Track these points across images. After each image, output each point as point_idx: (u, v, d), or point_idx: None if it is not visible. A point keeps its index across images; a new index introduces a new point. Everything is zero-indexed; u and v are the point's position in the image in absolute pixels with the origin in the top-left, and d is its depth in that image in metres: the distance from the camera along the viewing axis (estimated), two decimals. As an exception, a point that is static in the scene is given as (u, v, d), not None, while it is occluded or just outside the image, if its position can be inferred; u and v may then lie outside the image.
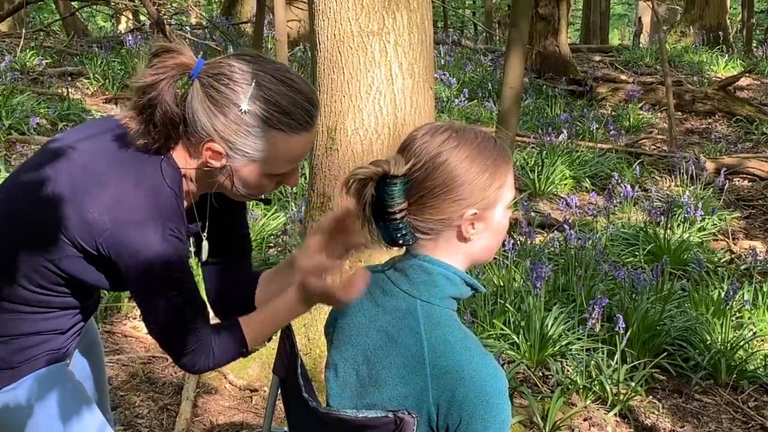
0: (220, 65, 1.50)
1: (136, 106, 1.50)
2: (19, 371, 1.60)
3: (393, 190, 1.38)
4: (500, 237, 1.49)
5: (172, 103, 1.48)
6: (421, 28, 2.92)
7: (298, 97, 1.50)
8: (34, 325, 1.60)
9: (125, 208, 1.46)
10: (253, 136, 1.49)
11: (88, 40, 10.59)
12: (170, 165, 1.53)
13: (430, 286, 1.43)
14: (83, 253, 1.49)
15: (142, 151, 1.51)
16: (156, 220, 1.46)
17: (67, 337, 1.67)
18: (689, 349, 3.91)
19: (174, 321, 1.53)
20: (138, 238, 1.45)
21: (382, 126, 2.90)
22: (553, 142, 7.05)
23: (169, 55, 1.49)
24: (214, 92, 1.48)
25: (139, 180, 1.49)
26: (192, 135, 1.51)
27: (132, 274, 1.48)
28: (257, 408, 3.14)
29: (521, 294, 3.96)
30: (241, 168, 1.53)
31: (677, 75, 10.98)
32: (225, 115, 1.47)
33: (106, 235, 1.45)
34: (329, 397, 1.53)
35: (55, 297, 1.58)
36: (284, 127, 1.49)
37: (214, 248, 1.75)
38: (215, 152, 1.51)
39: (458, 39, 12.60)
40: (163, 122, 1.48)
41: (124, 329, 3.64)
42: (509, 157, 1.49)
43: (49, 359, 1.63)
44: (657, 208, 5.58)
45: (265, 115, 1.48)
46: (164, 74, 1.47)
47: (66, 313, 1.64)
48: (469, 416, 1.33)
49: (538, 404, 3.25)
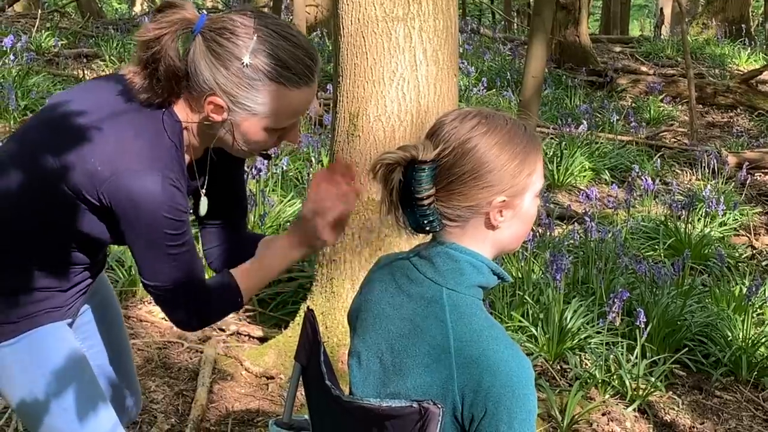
0: (223, 20, 1.52)
1: (140, 61, 1.52)
2: (19, 326, 1.61)
3: (421, 176, 1.36)
4: (528, 225, 1.47)
5: (175, 58, 1.50)
6: (446, 14, 2.88)
7: (299, 52, 1.52)
8: (35, 280, 1.61)
9: (125, 157, 1.47)
10: (254, 89, 1.50)
11: (103, 21, 10.59)
12: (171, 118, 1.56)
13: (456, 274, 1.41)
14: (85, 203, 1.51)
15: (144, 104, 1.53)
16: (155, 170, 1.48)
17: (69, 295, 1.67)
18: (710, 345, 3.87)
19: (170, 273, 1.54)
20: (137, 186, 1.46)
21: (405, 113, 2.86)
22: (573, 133, 6.99)
23: (172, 10, 1.51)
24: (216, 46, 1.49)
25: (140, 131, 1.51)
26: (194, 89, 1.53)
27: (130, 222, 1.49)
28: (273, 395, 3.13)
29: (540, 286, 3.93)
30: (242, 122, 1.54)
31: (699, 67, 10.86)
32: (227, 68, 1.49)
33: (106, 185, 1.47)
34: (352, 386, 1.51)
35: (59, 250, 1.60)
36: (285, 81, 1.51)
37: (216, 205, 1.77)
38: (217, 105, 1.53)
39: (477, 27, 12.50)
40: (166, 76, 1.50)
41: (140, 313, 3.63)
42: (539, 145, 1.46)
43: (50, 317, 1.64)
44: (678, 202, 5.52)
45: (266, 68, 1.49)
46: (167, 29, 1.49)
47: (71, 269, 1.65)
48: (494, 406, 1.31)
49: (556, 398, 3.23)
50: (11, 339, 1.61)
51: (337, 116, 2.97)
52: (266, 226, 4.41)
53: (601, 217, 5.40)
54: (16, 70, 6.59)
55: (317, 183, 1.64)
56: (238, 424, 2.96)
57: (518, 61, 10.11)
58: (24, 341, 1.62)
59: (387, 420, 1.37)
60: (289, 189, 5.17)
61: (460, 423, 1.35)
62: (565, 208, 5.66)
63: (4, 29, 8.43)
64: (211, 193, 1.74)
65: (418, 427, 1.34)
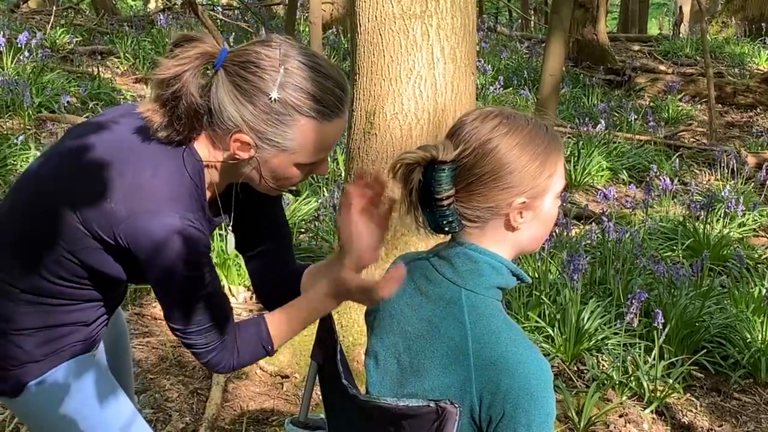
0: (246, 53, 1.44)
1: (159, 99, 1.44)
2: (46, 364, 1.58)
3: (441, 176, 1.35)
4: (548, 227, 1.46)
5: (197, 95, 1.43)
6: (464, 11, 2.86)
7: (329, 83, 1.46)
8: (58, 317, 1.57)
9: (142, 197, 1.42)
10: (283, 125, 1.44)
11: (118, 18, 10.59)
12: (191, 156, 1.49)
13: (475, 275, 1.40)
14: (102, 243, 1.45)
15: (163, 142, 1.47)
16: (173, 210, 1.41)
17: (92, 329, 1.64)
18: (728, 346, 3.83)
19: (195, 316, 1.48)
20: (155, 228, 1.40)
21: (422, 111, 2.84)
22: (590, 132, 6.94)
23: (191, 44, 1.43)
24: (241, 81, 1.42)
25: (157, 170, 1.44)
26: (218, 126, 1.46)
27: (151, 265, 1.43)
28: (288, 395, 3.12)
29: (557, 286, 3.91)
30: (270, 158, 1.48)
31: (718, 66, 10.75)
32: (253, 104, 1.42)
33: (123, 225, 1.41)
34: (369, 385, 1.51)
35: (78, 289, 1.55)
36: (315, 114, 1.45)
37: (249, 240, 1.71)
38: (244, 143, 1.46)
39: (493, 25, 12.46)
40: (187, 114, 1.43)
41: (154, 312, 3.63)
42: (560, 145, 1.45)
43: (74, 351, 1.61)
44: (696, 203, 5.46)
45: (296, 102, 1.43)
46: (188, 65, 1.42)
47: (91, 305, 1.61)
48: (512, 409, 1.30)
49: (572, 399, 3.21)
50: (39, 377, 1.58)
51: (354, 114, 2.95)
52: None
53: (618, 217, 5.36)
54: (30, 67, 6.60)
55: (348, 211, 1.49)
56: (252, 423, 2.95)
57: (535, 59, 10.05)
58: (52, 377, 1.59)
59: (404, 419, 1.37)
60: (304, 187, 5.16)
61: (478, 425, 1.34)
62: (583, 208, 5.62)
63: (19, 26, 8.46)
64: (242, 228, 1.68)
65: (435, 427, 1.33)
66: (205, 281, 1.47)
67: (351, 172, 3.03)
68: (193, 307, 1.47)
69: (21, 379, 1.57)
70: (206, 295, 1.48)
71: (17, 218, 1.53)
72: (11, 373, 1.57)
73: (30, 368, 1.57)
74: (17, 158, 4.91)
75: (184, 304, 1.47)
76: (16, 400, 1.60)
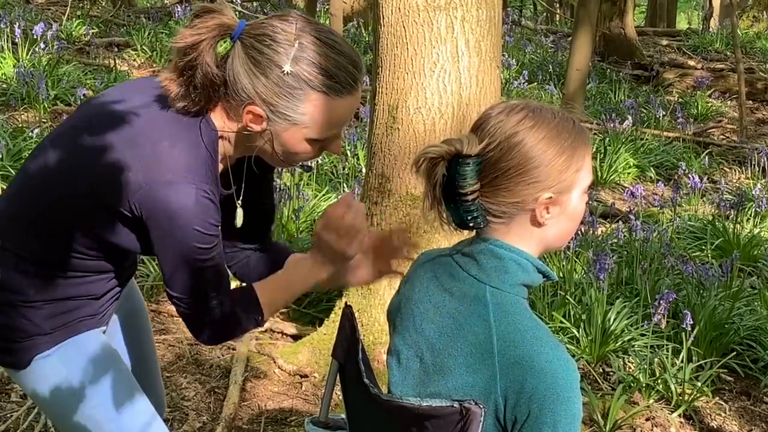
0: (263, 26, 1.47)
1: (176, 68, 1.46)
2: (54, 338, 1.59)
3: (465, 171, 1.33)
4: (575, 223, 1.43)
5: (212, 65, 1.45)
6: (489, 3, 2.81)
7: (342, 59, 1.47)
8: (68, 290, 1.58)
9: (159, 167, 1.44)
10: (295, 98, 1.46)
11: (135, 10, 10.59)
12: (207, 126, 1.51)
13: (500, 272, 1.37)
14: (116, 213, 1.47)
15: (181, 113, 1.49)
16: (189, 182, 1.44)
17: (102, 303, 1.65)
18: (759, 349, 3.76)
19: (197, 286, 1.51)
20: (171, 197, 1.43)
21: (446, 105, 2.80)
22: (617, 128, 6.88)
23: (210, 15, 1.45)
24: (256, 53, 1.45)
25: (175, 140, 1.47)
26: (232, 97, 1.49)
27: (161, 233, 1.46)
28: (307, 394, 3.08)
29: (582, 286, 3.85)
30: (282, 132, 1.50)
31: (749, 62, 10.59)
32: (267, 76, 1.44)
33: (139, 194, 1.43)
34: (391, 384, 1.48)
35: (89, 260, 1.57)
36: (328, 90, 1.46)
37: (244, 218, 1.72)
38: (256, 115, 1.48)
39: (518, 18, 12.36)
40: (203, 84, 1.46)
41: (171, 309, 3.60)
42: (588, 139, 1.42)
43: (84, 325, 1.62)
44: (726, 201, 5.37)
45: (308, 77, 1.45)
46: (205, 35, 1.44)
47: (101, 277, 1.62)
48: (538, 409, 1.27)
49: (598, 401, 3.16)
50: (47, 350, 1.59)
51: (376, 108, 2.91)
52: (301, 221, 4.37)
53: (646, 215, 5.29)
54: (46, 59, 6.57)
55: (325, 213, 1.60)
56: (270, 423, 2.92)
57: (561, 53, 9.95)
58: (60, 350, 1.59)
59: (427, 420, 1.34)
60: (324, 183, 5.13)
61: (503, 425, 1.32)
62: (609, 206, 5.55)
63: (35, 17, 8.44)
64: (245, 203, 1.69)
65: (459, 428, 1.30)
66: (212, 253, 1.49)
67: (372, 168, 3.00)
68: (196, 276, 1.50)
69: (29, 352, 1.58)
70: (210, 267, 1.50)
71: (33, 190, 1.55)
72: (19, 346, 1.58)
73: (38, 341, 1.58)
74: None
75: (187, 272, 1.49)
76: (22, 373, 1.61)
